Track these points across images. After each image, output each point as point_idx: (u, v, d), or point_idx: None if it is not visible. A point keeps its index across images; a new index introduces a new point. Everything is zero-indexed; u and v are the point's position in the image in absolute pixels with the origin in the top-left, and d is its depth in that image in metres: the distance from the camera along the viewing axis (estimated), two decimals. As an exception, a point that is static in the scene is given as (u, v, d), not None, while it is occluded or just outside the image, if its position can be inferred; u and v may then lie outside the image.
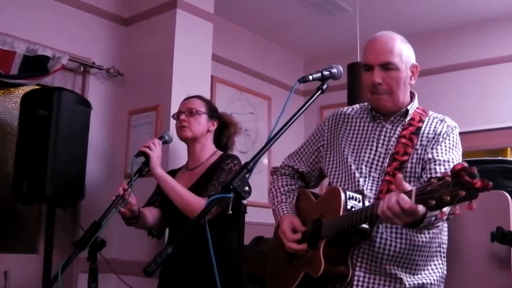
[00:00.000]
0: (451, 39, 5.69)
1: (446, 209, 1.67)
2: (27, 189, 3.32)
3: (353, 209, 2.07)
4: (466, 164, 1.56)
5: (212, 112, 3.18)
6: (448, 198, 1.57)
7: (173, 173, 3.19)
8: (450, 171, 1.59)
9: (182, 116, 3.09)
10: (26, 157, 3.37)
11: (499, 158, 3.68)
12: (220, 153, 3.11)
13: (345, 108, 2.54)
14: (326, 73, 2.16)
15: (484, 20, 5.46)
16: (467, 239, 3.13)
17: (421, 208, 1.73)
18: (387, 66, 2.24)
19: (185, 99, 3.21)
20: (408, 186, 1.78)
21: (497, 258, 3.00)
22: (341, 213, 2.07)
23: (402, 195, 1.75)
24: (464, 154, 2.33)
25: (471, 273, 3.10)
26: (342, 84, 3.30)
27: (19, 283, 3.71)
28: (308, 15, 5.49)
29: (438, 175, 1.76)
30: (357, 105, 2.53)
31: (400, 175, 1.83)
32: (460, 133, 2.32)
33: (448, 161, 2.16)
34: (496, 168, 3.40)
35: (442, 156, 2.17)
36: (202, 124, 3.09)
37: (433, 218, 1.91)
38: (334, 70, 2.19)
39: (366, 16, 5.03)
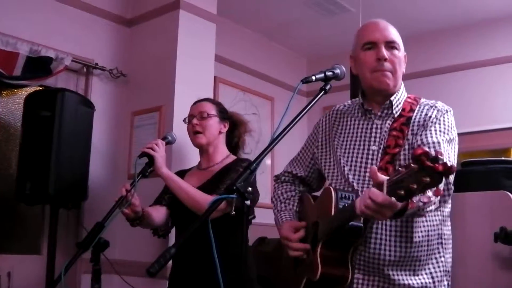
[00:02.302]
0: (455, 39, 5.68)
1: (416, 198, 1.60)
2: (30, 190, 3.32)
3: None
4: (426, 149, 1.46)
5: (223, 114, 3.18)
6: (415, 186, 1.47)
7: (182, 173, 3.18)
8: (411, 156, 1.51)
9: (194, 121, 3.09)
10: (29, 158, 3.38)
11: (502, 158, 3.69)
12: (234, 157, 3.12)
13: (338, 105, 2.50)
14: (329, 73, 2.14)
15: (488, 20, 5.45)
16: (470, 239, 3.13)
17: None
18: (392, 45, 2.22)
19: (195, 102, 3.20)
20: (381, 178, 1.69)
21: (501, 258, 3.00)
22: (332, 213, 2.03)
23: (373, 189, 1.68)
24: (467, 154, 2.30)
25: (474, 273, 3.10)
26: (345, 84, 3.30)
27: (22, 284, 3.71)
28: (311, 16, 5.48)
29: None
30: (349, 101, 2.48)
31: (374, 167, 1.75)
32: (463, 133, 2.28)
33: (439, 142, 2.08)
34: (499, 169, 3.40)
35: (430, 139, 2.10)
36: (214, 127, 3.09)
37: (421, 204, 1.78)
38: (337, 71, 2.17)
39: (368, 16, 4.97)
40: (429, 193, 1.51)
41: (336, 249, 2.07)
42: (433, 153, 1.43)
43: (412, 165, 1.47)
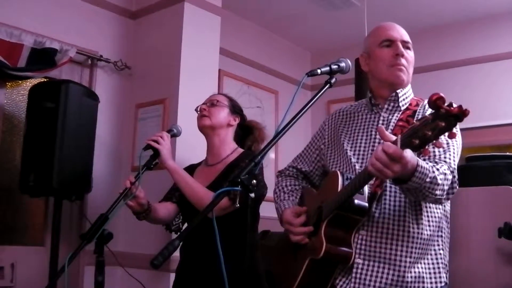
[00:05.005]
0: (459, 34, 5.67)
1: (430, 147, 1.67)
2: (34, 182, 3.32)
3: None
4: (442, 94, 1.54)
5: (235, 108, 3.10)
6: (430, 133, 1.57)
7: (192, 168, 3.14)
8: (428, 101, 1.57)
9: (203, 106, 3.06)
10: (33, 149, 3.38)
11: (507, 153, 3.68)
12: (241, 150, 3.03)
13: (344, 105, 2.55)
14: (334, 67, 2.15)
15: (492, 15, 5.43)
16: (474, 234, 3.13)
17: (408, 155, 1.71)
18: (407, 45, 2.30)
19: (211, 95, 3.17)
20: (393, 136, 1.78)
21: (505, 253, 3.00)
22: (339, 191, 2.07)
23: (386, 142, 1.74)
24: (471, 150, 2.31)
25: (478, 269, 3.10)
26: (350, 78, 3.29)
27: (26, 275, 3.72)
28: (316, 9, 5.47)
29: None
30: (356, 102, 2.54)
31: (382, 127, 1.84)
32: (468, 129, 2.30)
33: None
34: (504, 164, 3.40)
35: None
36: (222, 116, 3.01)
37: (427, 179, 1.86)
38: (343, 64, 2.18)
39: (373, 10, 5.01)
40: (442, 138, 1.61)
41: (340, 228, 2.10)
42: (449, 101, 1.53)
43: (428, 116, 1.58)
